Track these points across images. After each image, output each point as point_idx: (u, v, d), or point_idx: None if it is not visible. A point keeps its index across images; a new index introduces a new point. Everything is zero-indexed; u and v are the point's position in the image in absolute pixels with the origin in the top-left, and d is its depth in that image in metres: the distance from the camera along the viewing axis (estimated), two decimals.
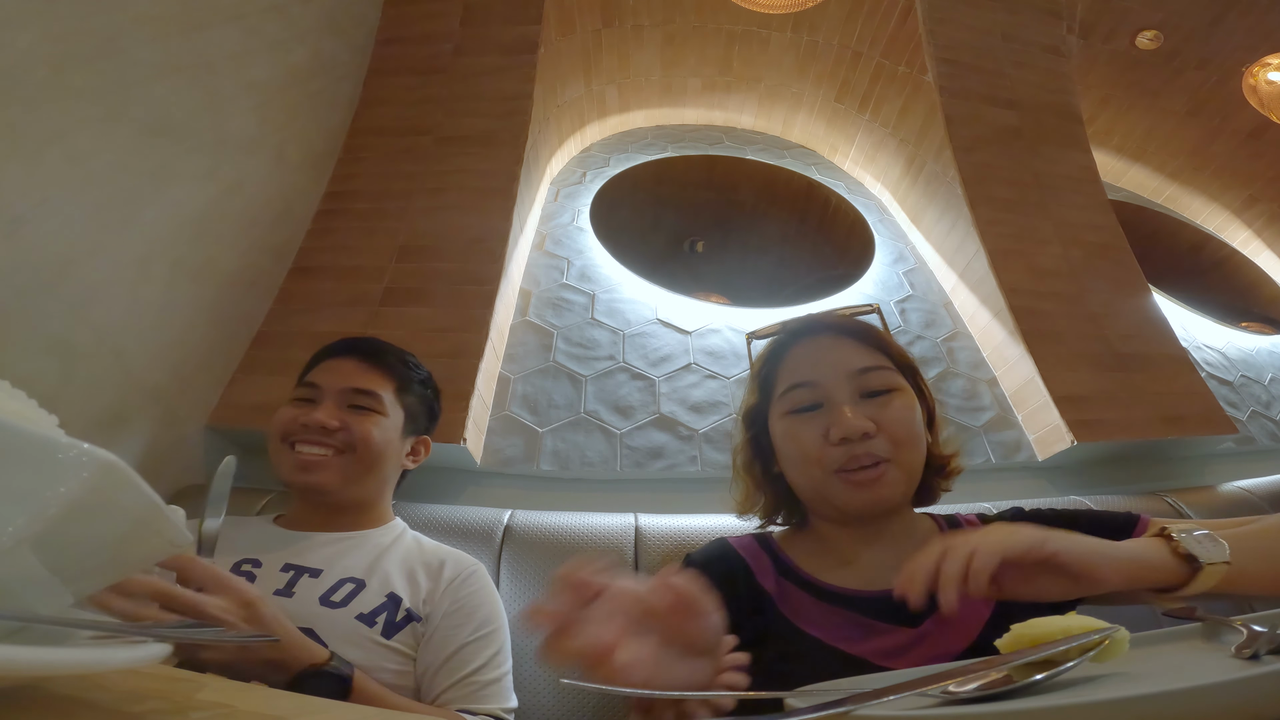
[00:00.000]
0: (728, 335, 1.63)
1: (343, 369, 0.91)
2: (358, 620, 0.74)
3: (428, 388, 0.99)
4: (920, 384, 0.74)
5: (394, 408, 0.91)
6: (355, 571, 0.79)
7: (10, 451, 0.25)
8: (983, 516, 0.77)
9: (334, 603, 0.75)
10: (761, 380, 0.77)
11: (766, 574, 0.69)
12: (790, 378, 0.71)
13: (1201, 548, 0.49)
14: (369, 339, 0.97)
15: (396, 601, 0.78)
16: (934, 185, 1.93)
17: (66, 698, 0.26)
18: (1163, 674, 0.33)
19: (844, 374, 0.69)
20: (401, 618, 0.77)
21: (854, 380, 0.69)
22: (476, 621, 0.79)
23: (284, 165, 1.45)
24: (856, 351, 0.71)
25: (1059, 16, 2.12)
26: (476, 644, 0.77)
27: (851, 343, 0.72)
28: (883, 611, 0.61)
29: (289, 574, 0.78)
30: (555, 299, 1.66)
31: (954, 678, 0.35)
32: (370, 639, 0.73)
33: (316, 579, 0.77)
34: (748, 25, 2.15)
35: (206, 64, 1.21)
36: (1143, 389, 1.43)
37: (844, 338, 0.73)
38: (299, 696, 0.31)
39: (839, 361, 0.70)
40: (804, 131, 2.46)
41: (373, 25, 1.83)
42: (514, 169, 1.57)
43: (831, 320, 0.77)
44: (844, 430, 0.64)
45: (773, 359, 0.76)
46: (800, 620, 0.63)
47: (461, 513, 1.08)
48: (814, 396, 0.69)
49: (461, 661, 0.76)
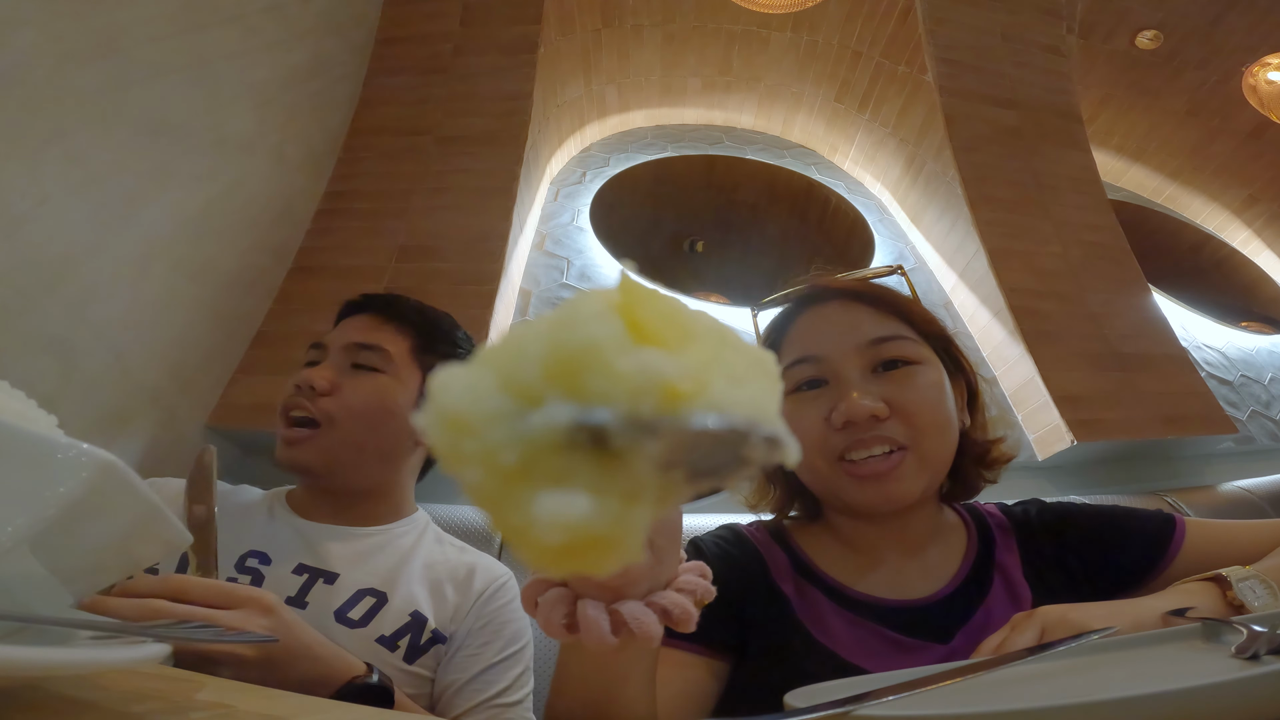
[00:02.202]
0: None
1: (351, 325, 0.79)
2: (379, 644, 0.66)
3: (462, 349, 0.85)
4: (957, 355, 0.65)
5: (408, 369, 0.78)
6: (375, 582, 0.70)
7: (10, 451, 0.25)
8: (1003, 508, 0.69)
9: (352, 620, 0.66)
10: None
11: (783, 572, 0.62)
12: (793, 352, 0.62)
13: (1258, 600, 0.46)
14: (389, 294, 0.84)
15: (421, 622, 0.69)
16: (934, 185, 1.93)
17: (66, 698, 0.26)
18: (1163, 674, 0.33)
19: (853, 345, 0.59)
20: (426, 640, 0.68)
21: (865, 353, 0.59)
22: (505, 639, 0.71)
23: (284, 165, 1.45)
24: (870, 319, 0.61)
25: (1059, 16, 2.12)
26: (504, 664, 0.70)
27: (865, 309, 0.62)
28: (910, 625, 0.55)
29: (303, 577, 0.69)
30: (555, 299, 1.66)
31: (954, 678, 0.35)
32: (392, 664, 0.65)
33: (332, 586, 0.69)
34: (748, 25, 2.15)
35: (206, 64, 1.21)
36: (1143, 389, 1.43)
37: (857, 304, 0.63)
38: (299, 696, 0.31)
39: (848, 331, 0.61)
40: (804, 131, 2.46)
41: (373, 25, 1.83)
42: (514, 169, 1.57)
43: (844, 285, 0.66)
44: (848, 412, 0.55)
45: (776, 331, 0.68)
46: (819, 631, 0.56)
47: (461, 513, 1.08)
48: (817, 372, 0.60)
49: (487, 683, 0.68)
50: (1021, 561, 0.61)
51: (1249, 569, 0.49)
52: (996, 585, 0.59)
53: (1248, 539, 0.58)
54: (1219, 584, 0.48)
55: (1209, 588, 0.48)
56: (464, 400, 0.16)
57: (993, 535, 0.64)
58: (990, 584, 0.59)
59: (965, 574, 0.60)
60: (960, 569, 0.61)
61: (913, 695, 0.33)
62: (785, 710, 0.35)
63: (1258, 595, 0.46)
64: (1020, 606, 0.56)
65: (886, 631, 0.56)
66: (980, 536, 0.64)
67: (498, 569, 0.78)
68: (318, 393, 0.73)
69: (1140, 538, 0.60)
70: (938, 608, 0.57)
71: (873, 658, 0.53)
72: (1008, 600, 0.57)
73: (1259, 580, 0.47)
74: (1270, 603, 0.46)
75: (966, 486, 0.66)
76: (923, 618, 0.56)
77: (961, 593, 0.58)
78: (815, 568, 0.62)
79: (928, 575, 0.60)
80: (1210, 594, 0.47)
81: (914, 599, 0.58)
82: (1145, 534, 0.61)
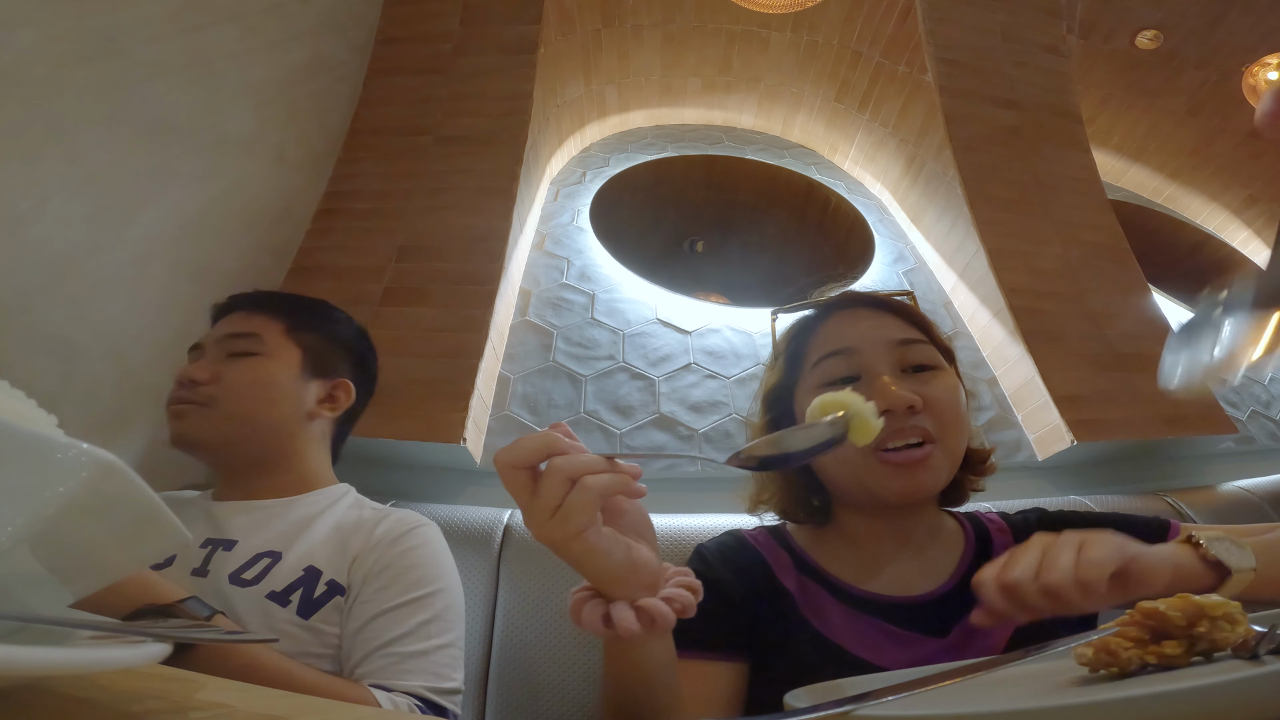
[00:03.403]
0: (728, 335, 1.63)
1: (224, 322, 0.82)
2: (269, 600, 0.63)
3: (341, 325, 0.87)
4: (958, 373, 0.70)
5: (284, 347, 0.80)
6: (273, 544, 0.68)
7: (9, 451, 0.25)
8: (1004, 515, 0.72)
9: (245, 580, 0.65)
10: (790, 355, 0.70)
11: (786, 571, 0.64)
12: (825, 347, 0.65)
13: (1230, 555, 0.47)
14: (258, 290, 0.87)
15: (315, 575, 0.66)
16: (934, 185, 1.93)
17: (66, 698, 0.26)
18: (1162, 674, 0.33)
19: (884, 343, 0.63)
20: (321, 593, 0.65)
21: (895, 351, 0.63)
22: (406, 583, 0.67)
23: (284, 165, 1.45)
24: (897, 324, 0.66)
25: (1059, 16, 2.12)
26: (402, 610, 0.65)
27: (891, 316, 0.67)
28: (910, 620, 0.58)
29: (206, 550, 0.68)
30: (555, 299, 1.66)
31: (954, 678, 0.35)
32: (286, 620, 0.63)
33: (229, 553, 0.67)
34: (747, 25, 2.15)
35: (206, 64, 1.21)
36: (1143, 389, 1.43)
37: (883, 311, 0.68)
38: (299, 696, 0.31)
39: (879, 330, 0.64)
40: (804, 131, 2.46)
41: (373, 25, 1.83)
42: (514, 169, 1.57)
43: (868, 296, 0.71)
44: (890, 400, 0.58)
45: (803, 332, 0.71)
46: (823, 625, 0.59)
47: (461, 513, 1.08)
48: (852, 366, 0.63)
49: (379, 629, 0.63)
50: None
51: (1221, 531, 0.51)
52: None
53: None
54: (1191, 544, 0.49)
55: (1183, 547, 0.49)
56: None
57: (991, 538, 0.67)
58: None
59: (963, 573, 0.63)
60: (958, 568, 0.63)
61: (913, 695, 0.33)
62: (785, 710, 0.35)
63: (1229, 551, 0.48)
64: None
65: (886, 625, 0.58)
66: (978, 539, 0.67)
67: (412, 518, 0.75)
68: (197, 383, 0.75)
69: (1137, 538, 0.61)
70: (936, 604, 0.60)
71: (873, 650, 0.56)
72: None
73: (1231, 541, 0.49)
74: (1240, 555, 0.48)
75: (958, 492, 0.70)
76: (921, 613, 0.59)
77: (958, 591, 0.61)
78: (817, 565, 0.65)
79: (927, 573, 0.63)
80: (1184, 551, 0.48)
81: (913, 595, 0.61)
82: (1141, 536, 0.61)
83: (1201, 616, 0.32)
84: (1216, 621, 0.32)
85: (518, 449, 0.39)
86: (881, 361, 0.62)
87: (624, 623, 0.40)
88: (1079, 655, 0.34)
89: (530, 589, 0.97)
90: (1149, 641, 0.33)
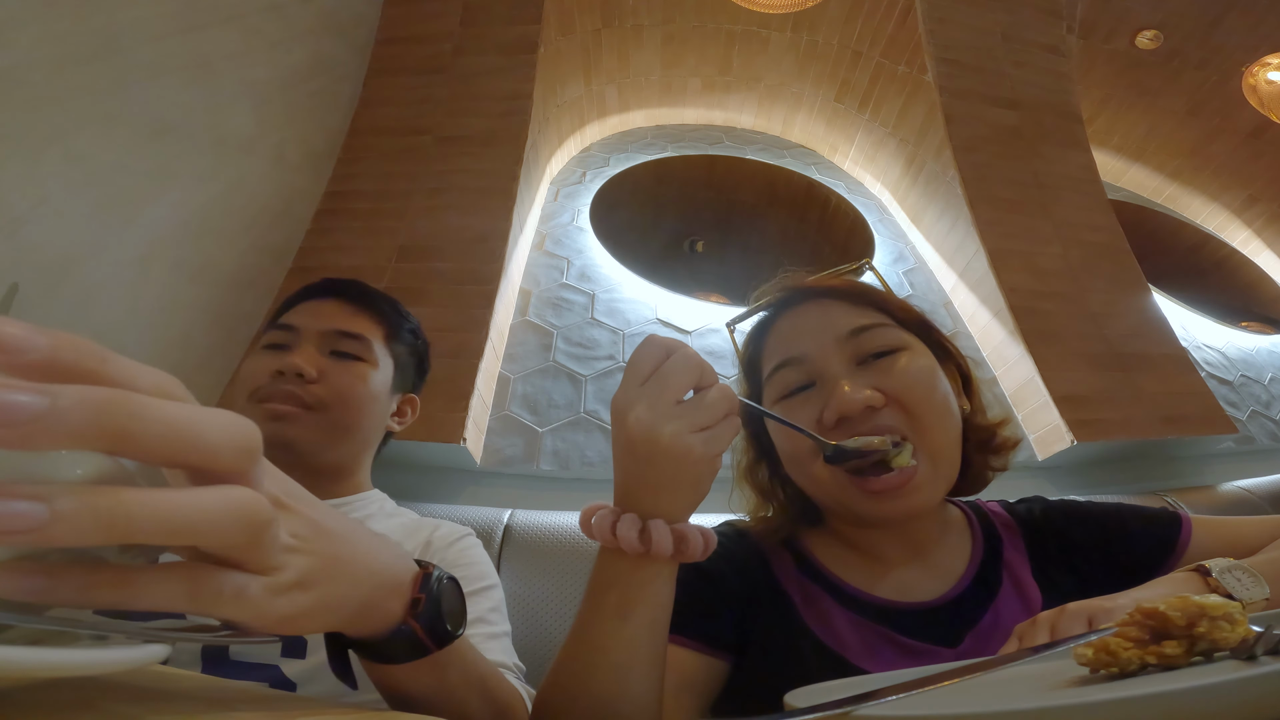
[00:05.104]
0: (728, 335, 1.63)
1: (325, 310, 0.77)
2: None
3: (418, 338, 0.87)
4: (940, 340, 0.63)
5: (384, 357, 0.78)
6: None
7: (10, 451, 0.25)
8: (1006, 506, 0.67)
9: None
10: (748, 367, 0.66)
11: (787, 573, 0.60)
12: (775, 357, 0.60)
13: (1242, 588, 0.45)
14: (356, 280, 0.83)
15: None
16: (934, 185, 1.93)
17: (67, 698, 0.26)
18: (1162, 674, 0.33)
19: (833, 340, 0.57)
20: None
21: (847, 345, 0.57)
22: (471, 575, 0.68)
23: (284, 165, 1.45)
24: (847, 312, 0.60)
25: (1059, 16, 2.12)
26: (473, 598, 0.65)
27: (840, 304, 0.61)
28: (918, 628, 0.54)
29: None
30: (555, 299, 1.66)
31: (954, 678, 0.35)
32: None
33: None
34: (747, 25, 2.15)
35: (206, 64, 1.21)
36: (1143, 389, 1.43)
37: (830, 300, 0.62)
38: (299, 696, 0.31)
39: (826, 327, 0.59)
40: (804, 131, 2.46)
41: (373, 25, 1.83)
42: (514, 169, 1.57)
43: (816, 285, 0.64)
44: (839, 407, 0.53)
45: (755, 341, 0.66)
46: (825, 633, 0.55)
47: (461, 512, 1.08)
48: (803, 375, 0.58)
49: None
50: (1030, 562, 0.60)
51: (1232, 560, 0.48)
52: (1005, 586, 0.58)
53: (1253, 535, 0.58)
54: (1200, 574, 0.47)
55: (1192, 578, 0.47)
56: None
57: (999, 534, 0.63)
58: (999, 585, 0.58)
59: (973, 575, 0.59)
60: (967, 570, 0.59)
61: (913, 695, 0.33)
62: (785, 710, 0.35)
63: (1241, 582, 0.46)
64: (1029, 607, 0.55)
65: (894, 635, 0.54)
66: (986, 535, 0.63)
67: (457, 527, 0.75)
68: (305, 380, 0.71)
69: (1147, 537, 0.60)
70: (946, 610, 0.56)
71: (881, 662, 0.52)
72: (1017, 601, 0.56)
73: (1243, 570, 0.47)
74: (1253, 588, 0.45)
75: (975, 479, 0.63)
76: (931, 621, 0.55)
77: (970, 594, 0.57)
78: (821, 568, 0.61)
79: (935, 577, 0.59)
80: (1194, 584, 0.47)
81: (921, 601, 0.57)
82: (1152, 533, 0.60)
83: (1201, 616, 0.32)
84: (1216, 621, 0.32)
85: (706, 368, 0.43)
86: (833, 362, 0.56)
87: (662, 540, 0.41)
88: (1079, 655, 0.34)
89: (530, 588, 0.97)
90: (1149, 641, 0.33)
